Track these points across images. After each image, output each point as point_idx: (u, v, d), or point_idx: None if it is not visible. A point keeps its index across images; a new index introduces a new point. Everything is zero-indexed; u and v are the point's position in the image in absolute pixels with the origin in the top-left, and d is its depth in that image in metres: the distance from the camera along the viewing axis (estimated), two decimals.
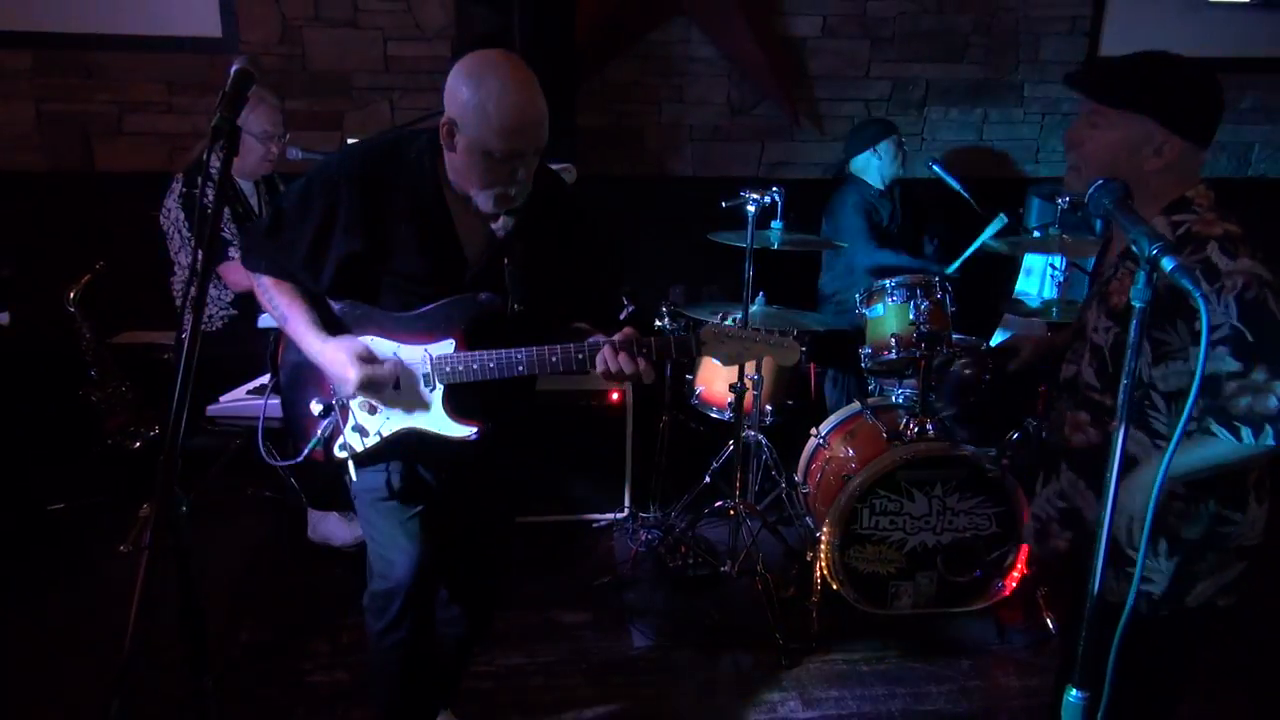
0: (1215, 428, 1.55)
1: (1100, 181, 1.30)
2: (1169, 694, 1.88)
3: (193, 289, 1.39)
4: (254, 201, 3.35)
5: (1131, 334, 1.18)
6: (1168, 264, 1.15)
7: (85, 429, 3.59)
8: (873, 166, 3.97)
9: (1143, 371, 1.67)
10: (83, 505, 3.58)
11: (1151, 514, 1.21)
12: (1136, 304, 1.18)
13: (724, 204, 3.00)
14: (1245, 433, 1.52)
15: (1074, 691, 1.29)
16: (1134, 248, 1.19)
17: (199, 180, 3.16)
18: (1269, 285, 1.54)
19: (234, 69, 1.59)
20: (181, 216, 3.15)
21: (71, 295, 3.43)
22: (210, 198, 3.17)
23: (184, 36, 4.08)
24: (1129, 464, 1.65)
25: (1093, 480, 1.80)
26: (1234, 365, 1.53)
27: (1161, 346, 1.63)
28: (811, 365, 3.92)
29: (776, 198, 3.05)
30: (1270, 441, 1.52)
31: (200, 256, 1.45)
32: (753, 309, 3.19)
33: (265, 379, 2.98)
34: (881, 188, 4.00)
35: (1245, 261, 1.55)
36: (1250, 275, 1.53)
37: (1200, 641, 1.83)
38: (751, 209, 2.91)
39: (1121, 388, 1.19)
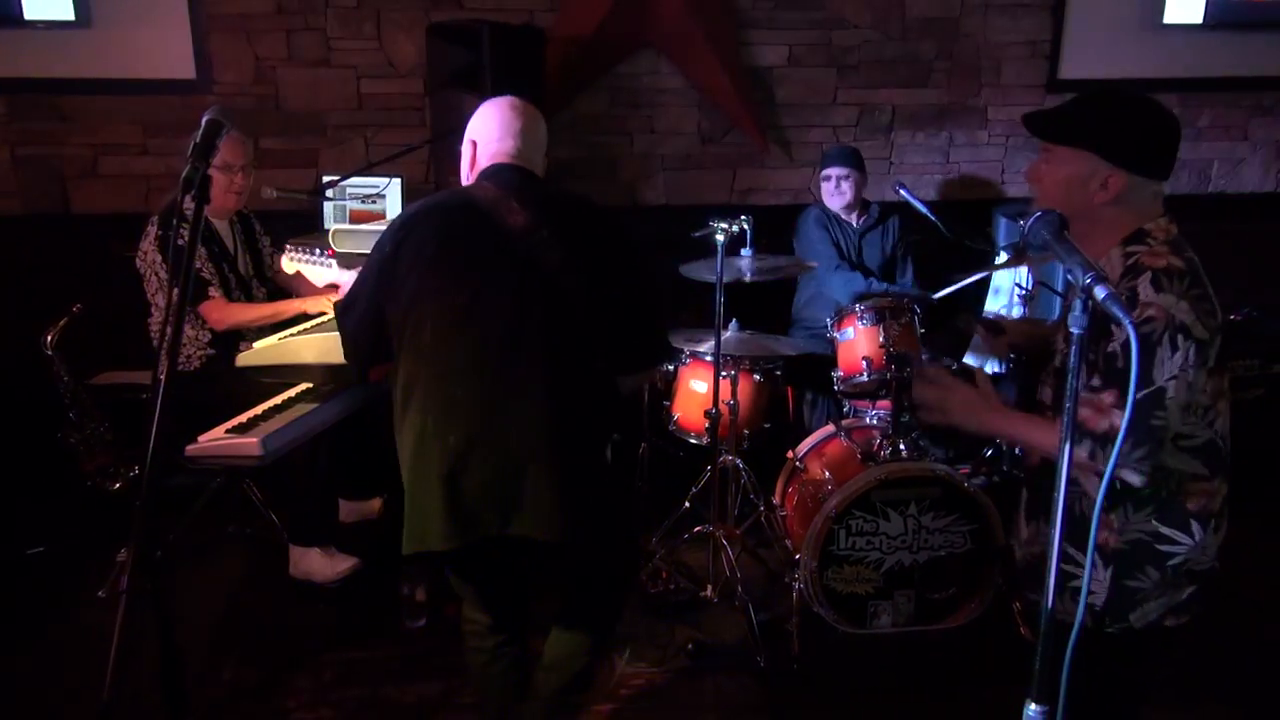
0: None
1: (1038, 214, 1.36)
2: (1125, 713, 1.92)
3: (168, 329, 1.44)
4: (229, 242, 3.37)
5: (1071, 359, 1.23)
6: (1100, 292, 1.21)
7: (64, 471, 3.60)
8: (823, 190, 4.07)
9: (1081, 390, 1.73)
10: (62, 548, 3.58)
11: (1095, 524, 1.26)
12: (1074, 330, 1.23)
13: (694, 235, 3.05)
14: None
15: (1033, 706, 1.33)
16: (1069, 276, 1.24)
17: (174, 223, 3.18)
18: (1175, 327, 1.59)
19: (205, 119, 1.64)
20: (159, 259, 3.18)
21: (49, 338, 3.44)
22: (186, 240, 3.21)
23: (158, 79, 4.13)
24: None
25: (1042, 498, 1.86)
26: (1095, 381, 1.64)
27: (1094, 365, 1.69)
28: (789, 388, 3.97)
29: (745, 226, 3.10)
30: (1083, 454, 1.63)
31: (175, 296, 1.48)
32: (726, 335, 3.23)
33: (244, 417, 3.01)
34: (836, 209, 4.08)
35: (1168, 298, 1.60)
36: (1162, 312, 1.59)
37: (1153, 662, 1.87)
38: (720, 239, 2.97)
39: (1065, 410, 1.24)
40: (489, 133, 2.26)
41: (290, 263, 2.74)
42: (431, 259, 2.09)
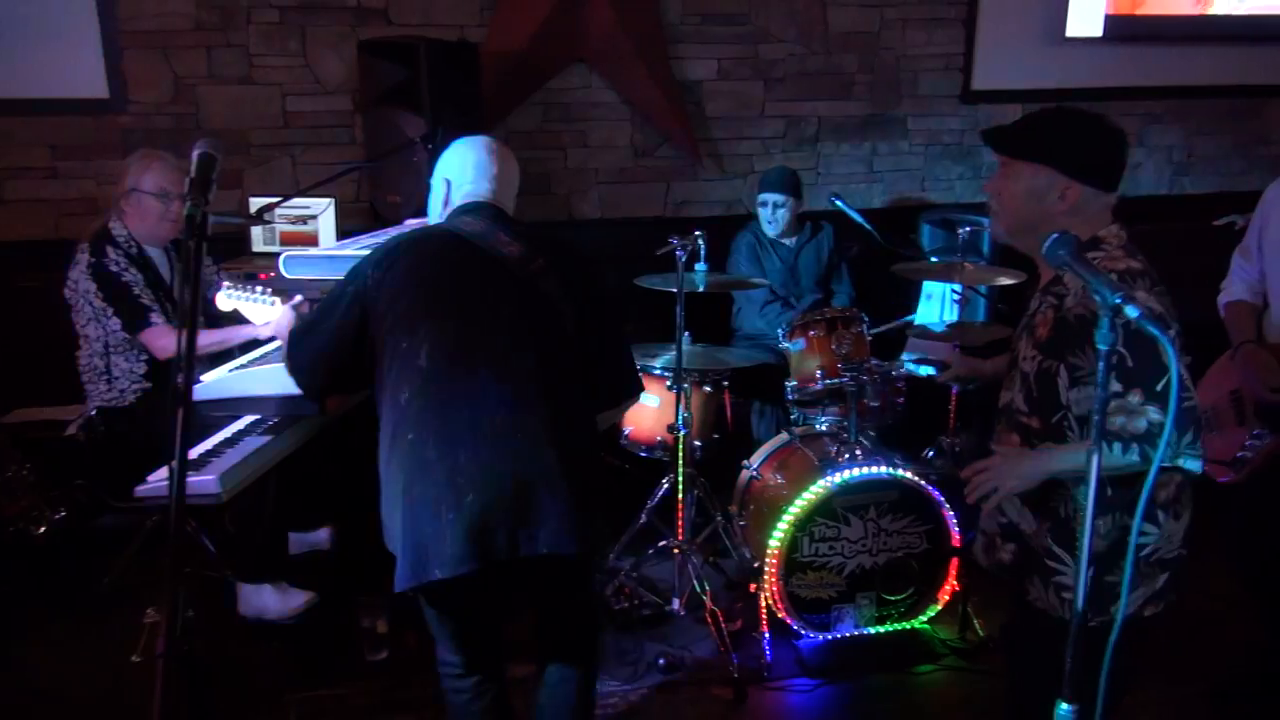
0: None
1: (1055, 235, 1.43)
2: (1109, 700, 2.01)
3: (180, 372, 1.39)
4: (164, 270, 3.22)
5: (1100, 373, 1.30)
6: (1132, 312, 1.27)
7: None
8: (759, 214, 4.14)
9: (1061, 395, 1.81)
10: None
11: (1089, 531, 1.33)
12: (1102, 347, 1.30)
13: (658, 253, 3.09)
14: (1116, 447, 1.69)
15: (1064, 706, 1.39)
16: (1096, 297, 1.31)
17: (107, 250, 3.04)
18: (1156, 318, 1.67)
19: (195, 154, 1.58)
20: (93, 287, 3.02)
21: None
22: (121, 266, 3.06)
23: (68, 99, 3.92)
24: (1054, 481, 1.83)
25: (1026, 496, 1.94)
26: (1115, 386, 1.69)
27: (1076, 371, 1.78)
28: (726, 396, 4.02)
29: (700, 242, 3.15)
30: (1135, 459, 1.69)
31: (183, 329, 1.43)
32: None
33: (193, 454, 2.88)
34: (771, 235, 4.15)
35: (1140, 294, 1.71)
36: (1141, 307, 1.69)
37: (1134, 650, 1.97)
38: (681, 255, 3.01)
39: (1094, 424, 1.30)
40: (464, 173, 2.28)
41: (228, 300, 2.67)
42: (424, 286, 2.08)
